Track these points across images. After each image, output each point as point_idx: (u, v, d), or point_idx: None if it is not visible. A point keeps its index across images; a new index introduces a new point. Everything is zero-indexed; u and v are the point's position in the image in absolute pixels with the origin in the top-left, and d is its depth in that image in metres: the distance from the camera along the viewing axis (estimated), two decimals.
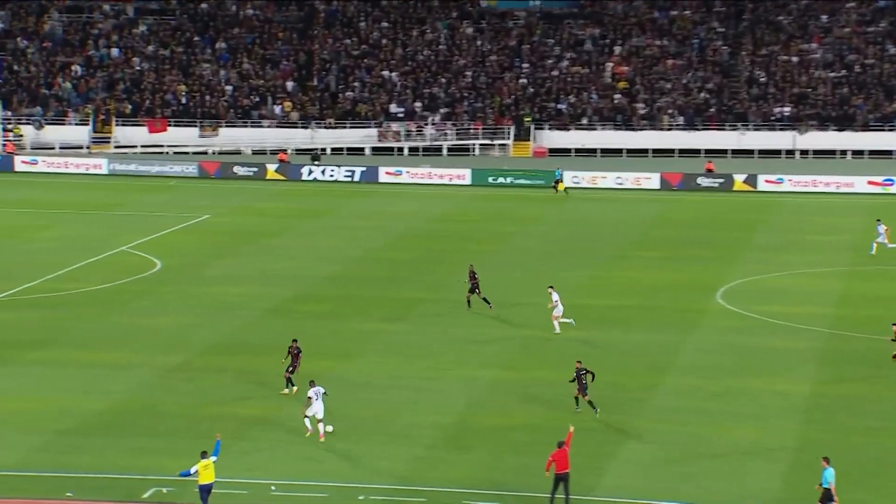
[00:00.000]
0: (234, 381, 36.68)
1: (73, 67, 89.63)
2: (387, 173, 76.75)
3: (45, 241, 56.34)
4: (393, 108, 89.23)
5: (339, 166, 77.85)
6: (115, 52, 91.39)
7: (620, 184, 75.04)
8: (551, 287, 42.37)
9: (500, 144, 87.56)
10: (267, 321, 43.40)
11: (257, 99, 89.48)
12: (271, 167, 77.55)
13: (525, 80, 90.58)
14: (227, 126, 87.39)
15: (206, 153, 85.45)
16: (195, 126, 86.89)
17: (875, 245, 53.71)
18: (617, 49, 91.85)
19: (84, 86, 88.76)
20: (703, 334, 42.24)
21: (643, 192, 73.35)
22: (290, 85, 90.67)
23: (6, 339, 40.33)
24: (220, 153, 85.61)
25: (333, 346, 40.45)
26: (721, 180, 74.43)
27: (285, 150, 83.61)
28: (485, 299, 44.34)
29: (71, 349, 39.54)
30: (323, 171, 77.30)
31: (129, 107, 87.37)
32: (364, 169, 77.28)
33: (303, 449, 31.70)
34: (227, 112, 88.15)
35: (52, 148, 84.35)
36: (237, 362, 38.45)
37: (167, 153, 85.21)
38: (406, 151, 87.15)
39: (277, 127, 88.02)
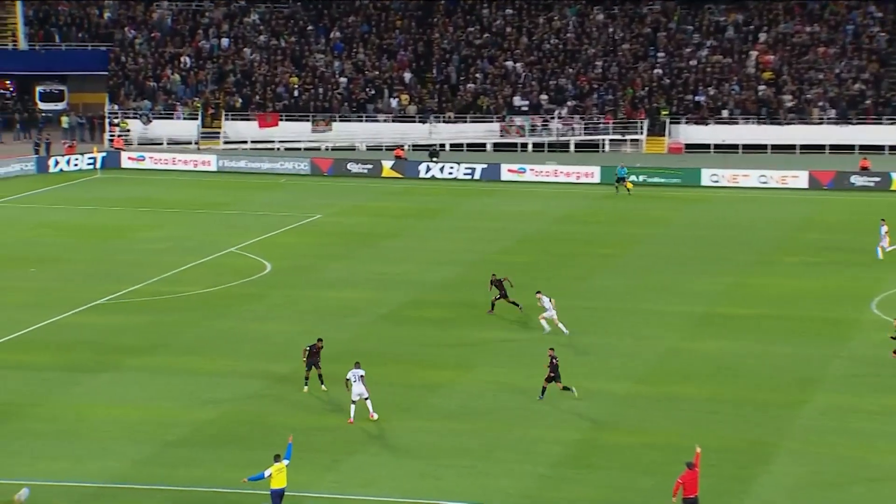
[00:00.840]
0: (347, 392, 36.92)
1: (182, 59, 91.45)
2: (509, 171, 76.69)
3: (151, 241, 57.54)
4: (517, 100, 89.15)
5: (458, 163, 78.04)
6: (225, 42, 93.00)
7: (764, 183, 73.87)
8: (539, 292, 42.52)
9: (632, 140, 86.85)
10: (381, 328, 43.70)
11: (373, 92, 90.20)
12: (387, 164, 78.08)
13: (660, 71, 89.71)
14: (340, 120, 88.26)
15: (318, 149, 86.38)
16: (307, 120, 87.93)
17: (880, 249, 53.25)
18: (762, 36, 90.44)
19: (193, 78, 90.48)
20: (857, 347, 41.32)
21: (789, 192, 72.11)
22: (407, 76, 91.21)
23: (110, 344, 41.27)
24: (334, 149, 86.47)
25: (451, 356, 40.55)
26: (877, 179, 72.77)
27: (402, 146, 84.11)
28: (514, 302, 44.41)
29: (177, 355, 40.29)
30: (441, 169, 77.57)
31: (239, 100, 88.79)
32: (485, 166, 77.34)
33: (419, 465, 31.82)
34: (341, 106, 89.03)
35: (160, 143, 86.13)
36: (349, 371, 38.69)
37: (278, 149, 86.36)
38: (530, 147, 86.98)
39: (394, 121, 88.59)
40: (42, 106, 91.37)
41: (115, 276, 50.13)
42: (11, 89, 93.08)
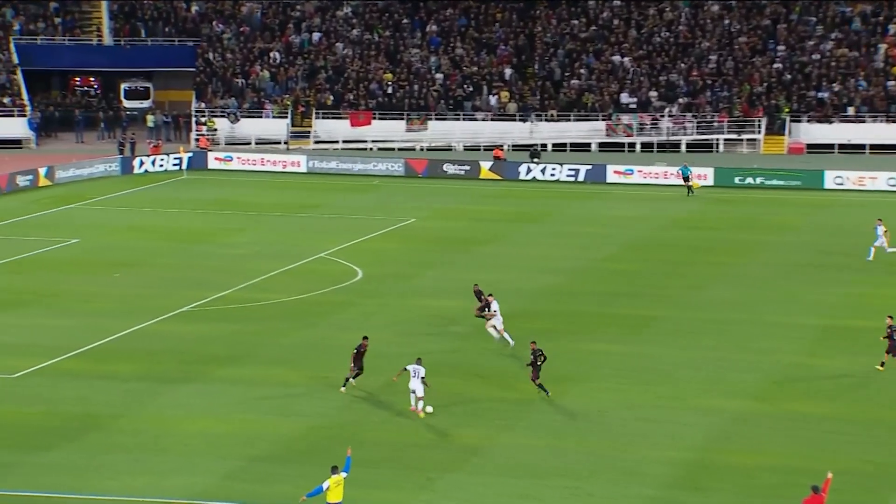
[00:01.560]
0: (445, 406, 36.93)
1: (271, 54, 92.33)
2: (615, 172, 76.25)
3: (238, 245, 58.12)
4: (624, 97, 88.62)
5: (561, 164, 77.78)
6: (316, 36, 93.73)
7: (893, 185, 72.62)
8: (490, 294, 42.32)
9: (748, 139, 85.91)
10: (479, 339, 43.61)
11: (471, 88, 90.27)
12: (485, 165, 78.08)
13: (780, 65, 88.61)
14: (436, 119, 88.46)
15: (413, 149, 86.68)
16: (401, 119, 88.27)
17: (873, 249, 53.76)
18: (892, 28, 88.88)
19: (283, 75, 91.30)
20: None
21: None
22: (507, 72, 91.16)
23: (195, 354, 41.73)
24: (429, 149, 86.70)
25: (554, 369, 40.32)
26: None
27: (501, 146, 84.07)
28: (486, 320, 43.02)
29: (264, 366, 40.59)
30: (543, 170, 77.38)
31: (331, 98, 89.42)
32: (590, 167, 76.99)
33: (520, 484, 31.70)
34: (437, 103, 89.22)
35: (248, 143, 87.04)
36: (446, 385, 38.73)
37: (371, 149, 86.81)
38: (638, 148, 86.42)
39: (493, 120, 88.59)
40: (127, 104, 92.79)
41: (200, 283, 50.68)
42: (96, 87, 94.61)
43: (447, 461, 32.91)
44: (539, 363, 37.22)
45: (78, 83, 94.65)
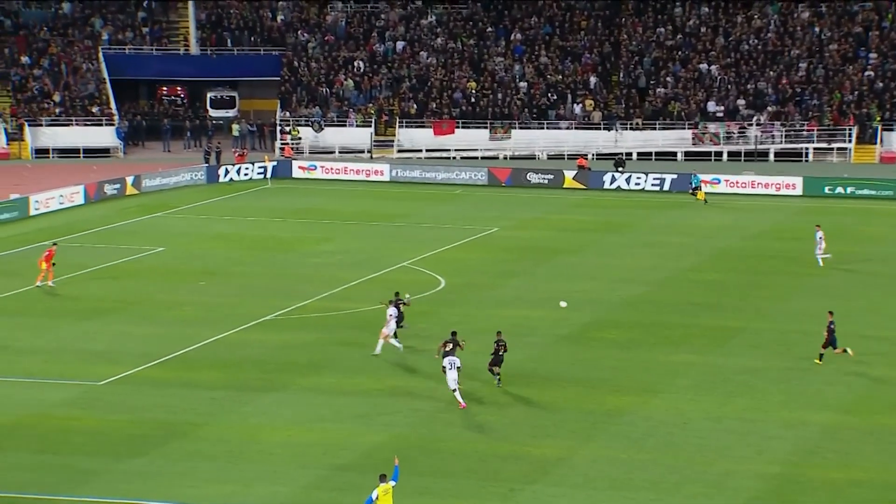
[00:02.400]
0: (526, 416, 37.00)
1: (355, 63, 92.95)
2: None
3: (321, 254, 58.56)
4: (711, 106, 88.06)
5: (646, 173, 77.46)
6: (400, 45, 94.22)
7: None
8: (391, 301, 42.33)
9: (838, 149, 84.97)
10: (560, 349, 43.62)
11: (555, 97, 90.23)
12: (569, 174, 77.96)
13: (872, 73, 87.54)
14: (520, 127, 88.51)
15: (496, 158, 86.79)
16: (485, 128, 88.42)
17: (820, 257, 54.92)
18: None
19: (367, 83, 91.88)
20: None
21: None
22: (592, 81, 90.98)
23: (278, 363, 42.13)
24: (513, 158, 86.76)
25: (637, 380, 40.25)
26: None
27: (585, 155, 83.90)
28: (395, 335, 42.65)
29: (347, 375, 40.88)
30: (628, 179, 77.11)
31: (414, 106, 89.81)
32: (675, 177, 76.59)
33: (602, 497, 31.65)
34: (521, 112, 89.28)
35: (332, 152, 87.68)
36: (528, 394, 38.79)
37: (454, 158, 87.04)
38: (725, 156, 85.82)
39: (577, 128, 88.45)
40: (213, 113, 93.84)
41: (283, 291, 51.14)
42: (182, 96, 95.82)
43: (528, 472, 32.94)
44: (501, 353, 38.93)
45: (165, 92, 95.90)
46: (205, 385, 39.69)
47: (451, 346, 38.42)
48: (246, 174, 79.32)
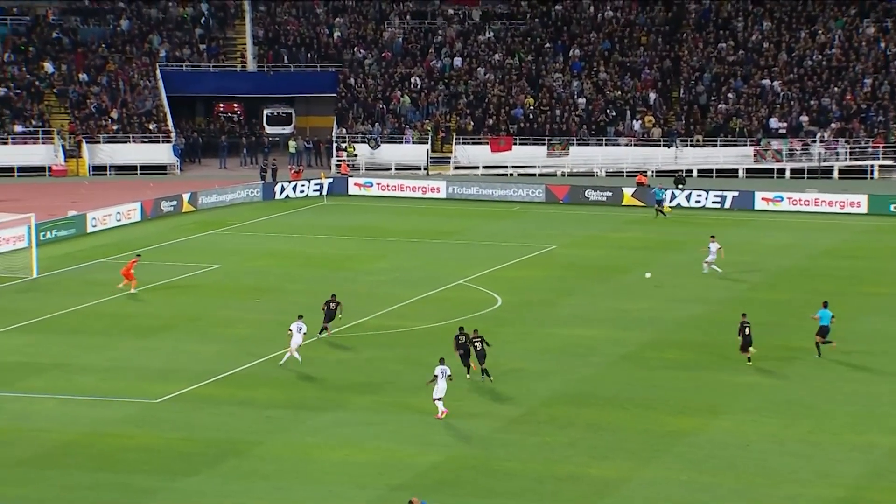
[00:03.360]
0: (585, 437, 36.82)
1: (412, 80, 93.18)
2: (764, 199, 75.29)
3: (377, 272, 58.65)
4: (773, 122, 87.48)
5: (707, 191, 77.03)
6: (457, 61, 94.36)
7: None
8: (301, 316, 43.34)
9: None
10: (620, 369, 43.40)
11: (613, 113, 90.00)
12: (628, 191, 77.68)
13: None
14: (578, 144, 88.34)
15: (554, 175, 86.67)
16: (543, 144, 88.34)
17: (706, 265, 56.86)
18: None
19: (424, 100, 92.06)
20: None
21: None
22: (651, 97, 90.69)
23: (333, 381, 42.18)
24: (570, 175, 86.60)
25: (698, 401, 39.96)
26: None
27: (644, 172, 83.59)
28: (325, 329, 45.68)
29: (403, 394, 40.85)
30: (688, 197, 76.70)
31: (471, 123, 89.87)
32: (736, 194, 76.11)
33: None
34: (580, 128, 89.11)
35: (388, 169, 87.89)
36: (587, 415, 38.62)
37: (511, 175, 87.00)
38: (788, 174, 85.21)
39: (636, 145, 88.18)
40: (269, 130, 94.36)
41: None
42: (239, 113, 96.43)
43: (587, 494, 32.75)
44: (480, 348, 40.78)
45: (221, 109, 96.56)
46: (261, 403, 39.81)
47: (463, 339, 40.95)
48: (302, 191, 79.65)
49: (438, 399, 38.16)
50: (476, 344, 41.23)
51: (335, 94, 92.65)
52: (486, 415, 38.68)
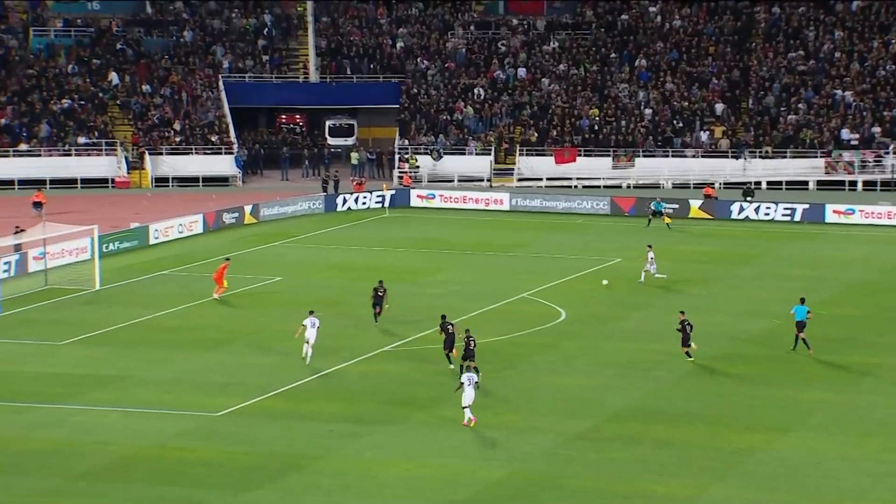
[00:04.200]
0: (651, 454, 36.69)
1: (475, 90, 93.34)
2: (835, 212, 74.71)
3: (439, 284, 58.77)
4: (845, 133, 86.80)
5: (776, 203, 76.55)
6: (522, 72, 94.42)
7: None
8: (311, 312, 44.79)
9: None
10: (686, 384, 43.22)
11: (680, 124, 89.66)
12: (695, 203, 77.34)
13: None
14: (644, 155, 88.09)
15: (619, 187, 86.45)
16: (608, 156, 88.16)
17: (644, 273, 57.51)
18: None
19: (487, 111, 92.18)
20: None
21: None
22: (719, 107, 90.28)
23: (395, 395, 42.31)
24: (636, 187, 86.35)
25: (767, 418, 39.71)
26: None
27: (712, 184, 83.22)
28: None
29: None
30: (756, 209, 76.26)
31: (535, 134, 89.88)
32: (807, 206, 75.58)
33: None
34: (646, 139, 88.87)
35: (451, 181, 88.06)
36: (653, 431, 38.49)
37: (575, 186, 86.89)
38: (860, 186, 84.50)
39: (703, 156, 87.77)
40: (331, 141, 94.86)
41: (400, 322, 51.37)
42: (301, 124, 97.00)
43: None
44: (472, 347, 42.43)
45: (284, 121, 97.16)
46: (321, 417, 40.01)
47: (450, 327, 43.57)
48: (364, 203, 79.99)
49: (466, 407, 38.59)
50: (470, 343, 42.64)
51: (398, 105, 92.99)
52: (550, 430, 38.65)
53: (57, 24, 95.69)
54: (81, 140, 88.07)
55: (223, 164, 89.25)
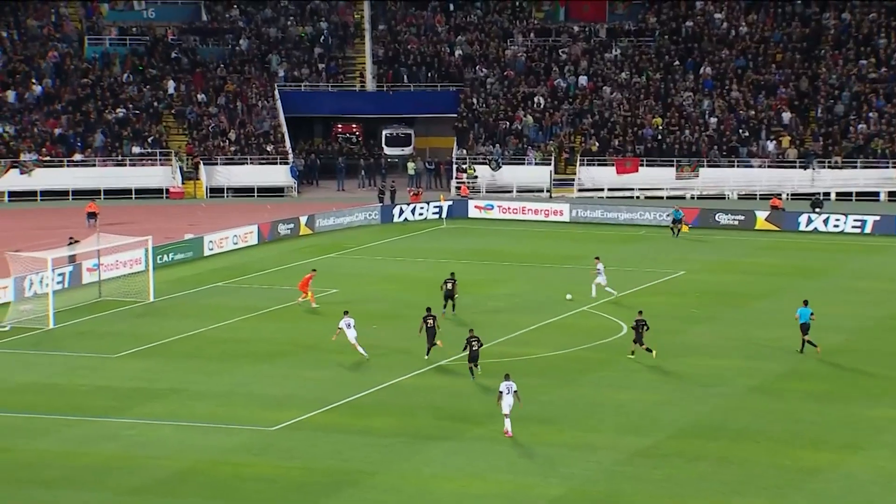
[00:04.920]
0: (714, 472, 36.57)
1: (535, 99, 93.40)
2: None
3: (497, 297, 58.82)
4: None
5: (846, 215, 76.06)
6: (583, 80, 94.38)
7: None
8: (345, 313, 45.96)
9: None
10: (752, 401, 43.03)
11: (746, 133, 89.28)
12: (761, 215, 76.99)
13: None
14: (708, 165, 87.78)
15: (683, 197, 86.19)
16: (671, 166, 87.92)
17: (595, 287, 57.17)
18: None
19: (547, 120, 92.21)
20: None
21: None
22: (786, 116, 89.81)
23: (451, 410, 42.37)
24: (700, 198, 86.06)
25: (835, 435, 39.45)
26: None
27: (779, 195, 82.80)
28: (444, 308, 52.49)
29: (523, 424, 40.85)
30: (825, 221, 75.80)
31: (596, 144, 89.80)
32: (878, 218, 75.05)
33: None
34: (710, 149, 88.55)
35: (510, 191, 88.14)
36: (716, 448, 38.35)
37: (637, 197, 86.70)
38: None
39: (770, 167, 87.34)
40: (388, 151, 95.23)
41: (458, 335, 51.43)
42: (357, 133, 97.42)
43: None
44: (475, 348, 44.95)
45: (340, 130, 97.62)
46: (377, 432, 40.18)
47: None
48: (421, 214, 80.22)
49: (506, 415, 39.09)
50: (473, 344, 44.91)
51: (456, 114, 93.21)
52: (610, 447, 38.61)
53: (112, 33, 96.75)
54: (136, 150, 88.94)
55: (278, 175, 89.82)
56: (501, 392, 39.36)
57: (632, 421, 41.04)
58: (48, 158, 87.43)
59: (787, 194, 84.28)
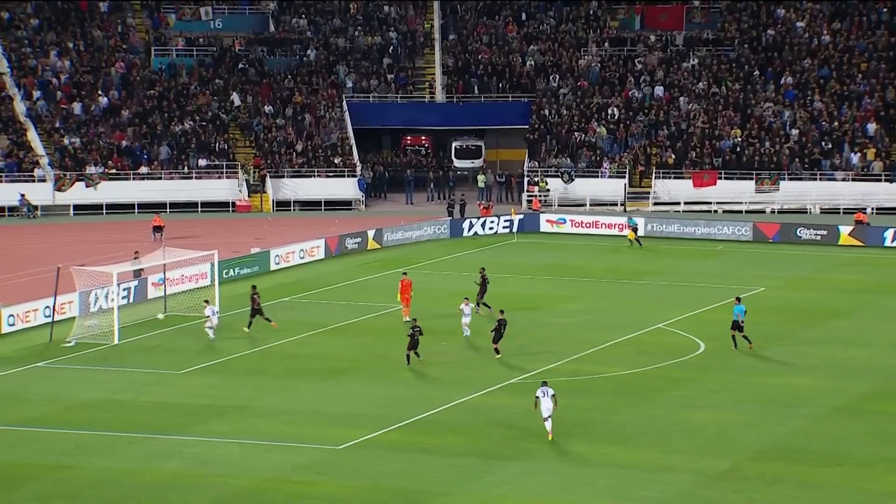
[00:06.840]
0: (795, 495, 36.22)
1: (609, 110, 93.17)
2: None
3: (569, 314, 58.66)
4: None
5: None
6: (659, 90, 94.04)
7: None
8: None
9: None
10: (834, 422, 42.58)
11: (829, 145, 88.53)
12: (845, 230, 76.31)
13: None
14: (789, 179, 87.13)
15: (762, 212, 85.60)
16: (750, 179, 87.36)
17: (466, 327, 53.98)
18: None
19: (622, 131, 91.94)
20: None
21: None
22: (871, 128, 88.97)
23: (522, 429, 42.24)
24: (781, 212, 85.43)
25: None
26: None
27: (864, 210, 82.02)
28: (484, 303, 55.61)
29: (596, 444, 40.76)
30: None
31: (672, 156, 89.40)
32: None
33: None
34: (791, 162, 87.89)
35: (583, 205, 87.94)
36: (797, 472, 37.99)
37: (715, 211, 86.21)
38: None
39: (854, 180, 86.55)
40: (457, 163, 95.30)
41: (529, 353, 51.39)
42: (426, 145, 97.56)
43: None
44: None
45: (409, 142, 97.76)
46: (446, 451, 40.15)
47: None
48: (491, 228, 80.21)
49: (546, 419, 40.26)
50: (415, 333, 48.93)
51: (527, 126, 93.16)
52: (687, 469, 38.34)
53: (179, 44, 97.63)
54: (202, 162, 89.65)
55: (346, 187, 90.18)
56: (538, 397, 40.40)
57: (709, 442, 40.73)
58: (114, 171, 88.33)
59: (872, 208, 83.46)
